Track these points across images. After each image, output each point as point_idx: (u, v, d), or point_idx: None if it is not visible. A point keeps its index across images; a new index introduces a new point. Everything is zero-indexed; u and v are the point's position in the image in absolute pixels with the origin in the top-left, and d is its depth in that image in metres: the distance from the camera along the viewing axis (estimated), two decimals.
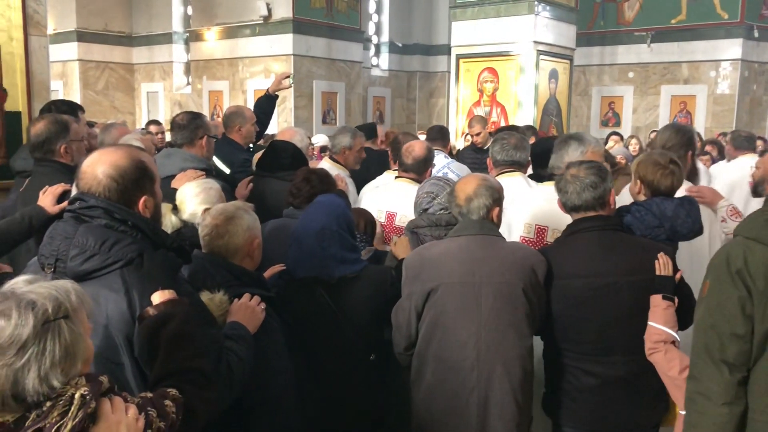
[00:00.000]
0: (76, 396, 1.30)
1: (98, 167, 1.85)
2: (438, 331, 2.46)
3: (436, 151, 4.21)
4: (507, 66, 9.12)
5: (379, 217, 3.58)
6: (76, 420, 1.28)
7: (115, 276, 1.75)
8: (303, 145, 4.23)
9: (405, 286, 2.56)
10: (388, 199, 3.72)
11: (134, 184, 1.85)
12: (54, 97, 4.82)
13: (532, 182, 3.56)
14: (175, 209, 2.75)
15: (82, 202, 1.84)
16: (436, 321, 2.47)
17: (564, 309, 2.51)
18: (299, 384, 2.37)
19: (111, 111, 12.71)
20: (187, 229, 2.65)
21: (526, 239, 3.06)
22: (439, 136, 5.17)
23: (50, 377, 1.29)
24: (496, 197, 2.61)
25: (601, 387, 2.48)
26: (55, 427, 1.26)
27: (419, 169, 3.66)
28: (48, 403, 1.28)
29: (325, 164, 4.36)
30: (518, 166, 3.56)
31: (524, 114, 8.90)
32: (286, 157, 3.95)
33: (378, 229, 3.36)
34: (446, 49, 12.02)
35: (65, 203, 2.94)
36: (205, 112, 10.91)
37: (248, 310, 2.16)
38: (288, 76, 5.03)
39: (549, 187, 2.87)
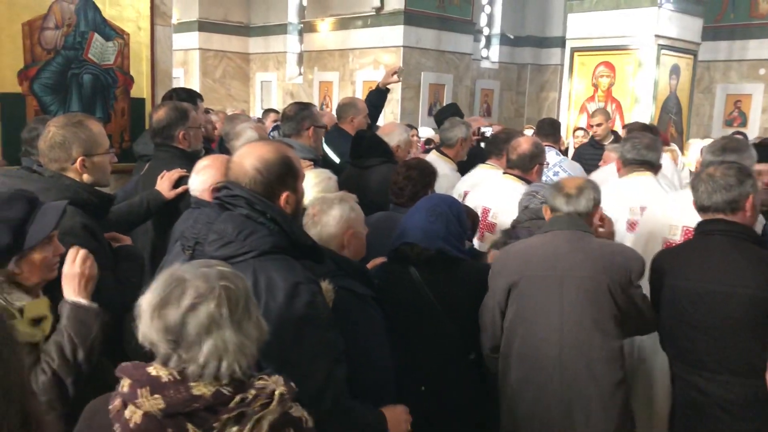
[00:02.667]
0: (277, 393, 1.41)
1: (246, 159, 1.91)
2: (520, 328, 2.42)
3: (547, 148, 4.08)
4: (625, 60, 8.70)
5: (476, 211, 3.53)
6: (276, 415, 1.38)
7: (246, 265, 1.78)
8: (402, 139, 4.21)
9: (490, 282, 2.54)
10: (487, 194, 3.67)
11: (278, 179, 1.90)
12: (175, 84, 5.05)
13: (664, 183, 3.41)
14: None
15: (228, 190, 1.90)
16: (518, 316, 2.42)
17: (670, 313, 2.40)
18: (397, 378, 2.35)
19: (227, 99, 13.23)
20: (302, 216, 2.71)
21: (671, 242, 2.90)
22: (551, 130, 4.99)
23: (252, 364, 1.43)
24: (599, 199, 2.55)
25: (707, 406, 2.32)
26: (258, 415, 1.37)
27: (524, 166, 3.57)
28: (252, 392, 1.39)
29: (432, 157, 4.33)
30: (649, 166, 3.39)
31: (641, 111, 8.48)
32: (362, 145, 3.98)
33: None
34: (560, 42, 11.64)
35: (181, 188, 3.08)
36: (315, 102, 11.13)
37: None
38: (398, 71, 5.02)
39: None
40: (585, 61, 9.07)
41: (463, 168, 4.45)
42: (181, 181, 3.09)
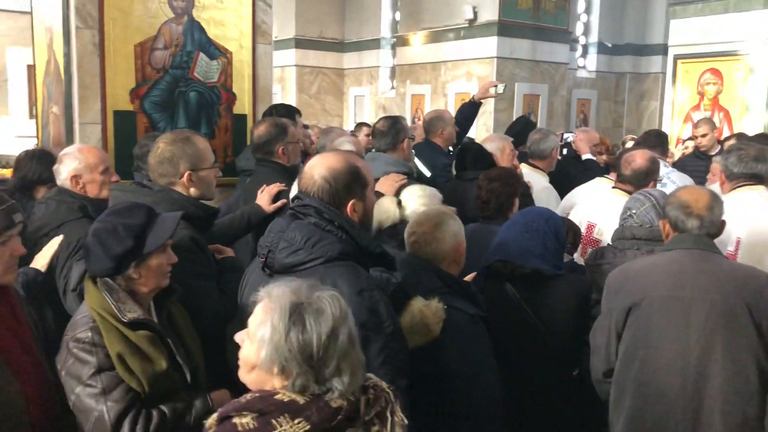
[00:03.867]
0: (387, 388, 1.47)
1: (316, 169, 1.99)
2: (639, 352, 2.24)
3: None
4: (733, 66, 8.24)
5: (581, 226, 3.41)
6: (396, 416, 1.44)
7: (314, 271, 1.84)
8: (493, 148, 4.14)
9: (605, 302, 2.39)
10: (593, 209, 3.53)
11: (345, 188, 1.96)
12: (274, 100, 5.19)
13: None
14: (400, 204, 2.83)
15: (299, 200, 2.00)
16: (638, 340, 2.24)
17: None
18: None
19: (322, 114, 13.51)
20: (403, 225, 2.70)
21: None
22: (658, 142, 4.77)
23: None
24: (723, 214, 2.36)
25: None
26: (388, 410, 1.43)
27: (638, 182, 3.39)
28: (371, 392, 1.44)
29: (524, 171, 4.25)
30: (759, 180, 3.16)
31: (753, 119, 7.99)
32: (468, 158, 3.92)
33: None
34: (661, 49, 11.18)
35: (280, 202, 3.14)
36: (407, 115, 11.18)
37: None
38: (496, 86, 4.96)
39: None
40: (689, 68, 8.66)
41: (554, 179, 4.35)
42: (281, 195, 3.16)
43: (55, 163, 3.43)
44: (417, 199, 2.83)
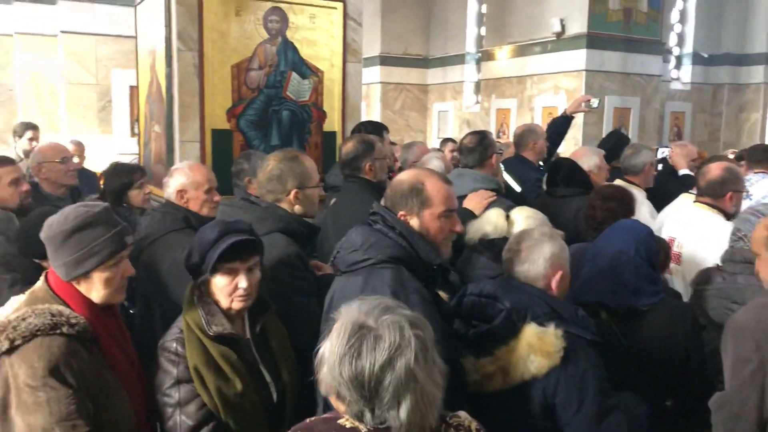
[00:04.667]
0: (473, 427, 1.45)
1: (393, 180, 2.17)
2: None
3: (760, 175, 3.72)
4: None
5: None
6: None
7: (362, 271, 2.00)
8: (594, 164, 4.03)
9: (745, 353, 2.02)
10: (675, 222, 3.41)
11: (400, 199, 2.08)
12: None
13: None
14: (509, 219, 2.81)
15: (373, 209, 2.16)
16: None
17: None
18: None
19: (405, 129, 13.58)
20: (501, 241, 2.67)
21: None
22: (763, 156, 4.53)
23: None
24: None
25: None
26: None
27: (714, 193, 3.32)
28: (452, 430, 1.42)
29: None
30: None
31: None
32: (559, 174, 3.83)
33: None
34: (763, 59, 10.63)
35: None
36: (492, 130, 11.08)
37: None
38: (589, 100, 4.85)
39: None
40: None
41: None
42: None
43: (130, 170, 3.73)
44: (526, 219, 2.80)
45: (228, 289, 2.09)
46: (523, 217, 2.78)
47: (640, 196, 4.02)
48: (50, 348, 1.77)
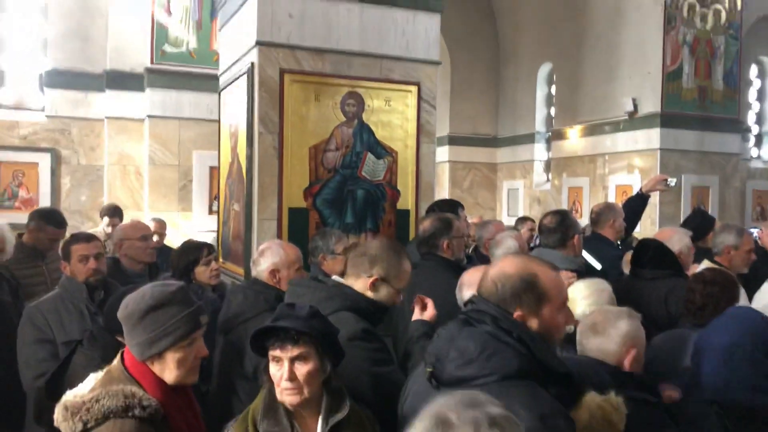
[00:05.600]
0: None
1: (492, 270, 1.87)
2: None
3: None
4: None
5: None
6: None
7: (488, 389, 1.59)
8: (683, 245, 3.89)
9: None
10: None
11: (512, 296, 1.78)
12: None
13: None
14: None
15: (473, 304, 1.85)
16: None
17: None
18: None
19: (474, 207, 13.57)
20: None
21: None
22: None
23: None
24: None
25: None
26: None
27: None
28: None
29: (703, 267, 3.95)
30: None
31: None
32: (646, 255, 3.70)
33: None
34: None
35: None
36: (564, 207, 10.94)
37: None
38: (666, 179, 4.76)
39: None
40: None
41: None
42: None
43: (197, 247, 3.80)
44: (583, 300, 2.71)
45: (275, 379, 1.99)
46: (581, 298, 2.66)
47: None
48: (122, 431, 1.77)
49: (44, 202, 8.73)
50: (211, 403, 2.98)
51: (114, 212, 6.59)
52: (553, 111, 12.62)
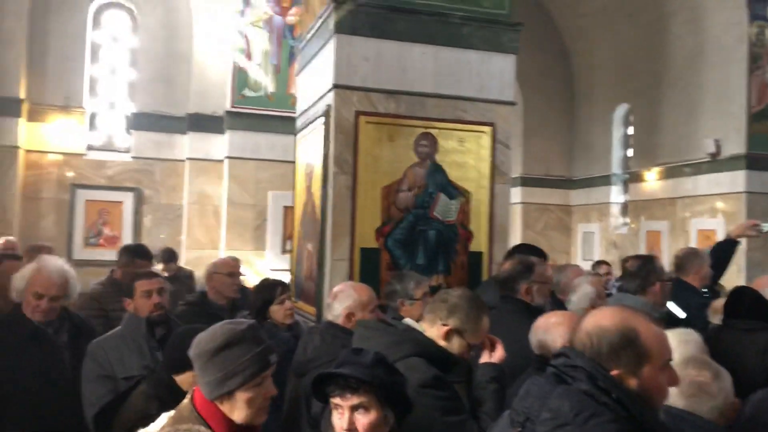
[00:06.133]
0: None
1: (586, 323, 1.72)
2: None
3: None
4: None
5: None
6: None
7: None
8: None
9: None
10: None
11: (609, 353, 1.63)
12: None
13: None
14: None
15: (566, 359, 1.69)
16: None
17: None
18: None
19: (548, 250, 13.21)
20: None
21: None
22: None
23: None
24: None
25: None
26: None
27: None
28: None
29: None
30: None
31: None
32: (742, 304, 3.48)
33: None
34: None
35: None
36: (642, 252, 10.56)
37: None
38: (757, 224, 4.53)
39: None
40: None
41: None
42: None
43: (272, 286, 3.87)
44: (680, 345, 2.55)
45: (336, 428, 1.95)
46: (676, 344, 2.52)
47: None
48: None
49: (127, 239, 9.09)
50: None
51: (170, 257, 6.85)
52: (630, 152, 12.32)
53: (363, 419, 1.90)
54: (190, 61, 9.52)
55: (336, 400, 1.94)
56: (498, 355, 2.54)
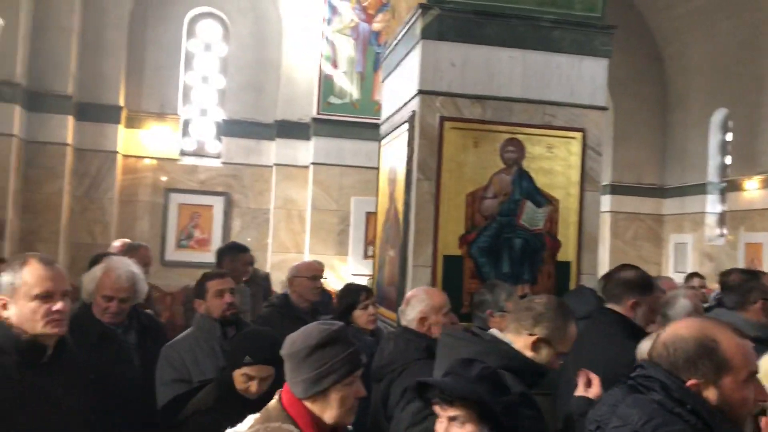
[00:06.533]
0: None
1: (664, 334, 1.68)
2: None
3: None
4: None
5: None
6: None
7: None
8: None
9: None
10: None
11: (685, 363, 1.59)
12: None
13: None
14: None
15: (642, 369, 1.68)
16: None
17: None
18: None
19: (637, 260, 12.76)
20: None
21: None
22: None
23: None
24: None
25: None
26: None
27: None
28: None
29: None
30: None
31: None
32: None
33: None
34: None
35: None
36: (740, 265, 9.99)
37: None
38: None
39: None
40: None
41: None
42: None
43: (356, 291, 3.94)
44: (765, 377, 2.37)
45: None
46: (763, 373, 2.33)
47: None
48: None
49: (216, 242, 9.39)
50: None
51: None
52: (728, 159, 11.70)
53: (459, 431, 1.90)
54: (278, 68, 9.75)
55: (436, 408, 1.95)
56: (594, 391, 2.44)
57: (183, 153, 10.04)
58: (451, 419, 1.90)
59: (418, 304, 3.01)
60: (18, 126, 8.17)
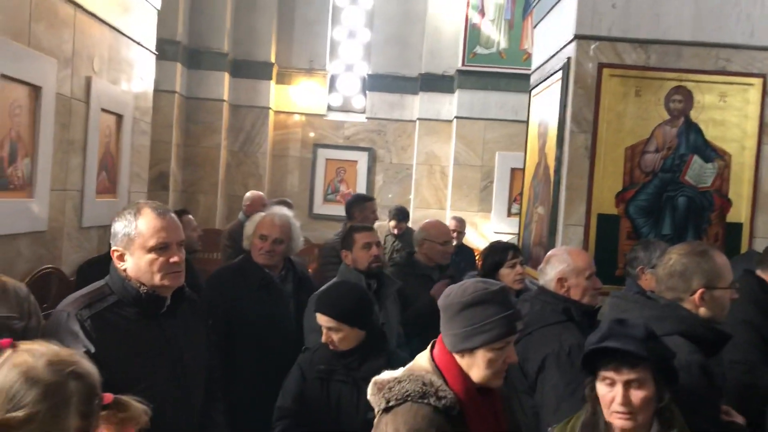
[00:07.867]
0: None
1: None
2: None
3: None
4: None
5: None
6: None
7: None
8: None
9: None
10: None
11: None
12: None
13: None
14: None
15: None
16: None
17: None
18: None
19: None
20: None
21: None
22: None
23: None
24: None
25: None
26: None
27: None
28: None
29: None
30: None
31: None
32: None
33: None
34: None
35: None
36: None
37: None
38: None
39: None
40: None
41: None
42: None
43: (503, 249, 3.79)
44: None
45: (604, 400, 1.94)
46: None
47: None
48: (416, 416, 1.80)
49: None
50: None
51: (403, 217, 6.94)
52: None
53: (638, 394, 1.89)
54: (423, 20, 9.59)
55: (609, 374, 1.92)
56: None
57: (330, 108, 10.22)
58: (628, 383, 1.88)
59: (559, 264, 2.84)
60: (179, 83, 8.66)
